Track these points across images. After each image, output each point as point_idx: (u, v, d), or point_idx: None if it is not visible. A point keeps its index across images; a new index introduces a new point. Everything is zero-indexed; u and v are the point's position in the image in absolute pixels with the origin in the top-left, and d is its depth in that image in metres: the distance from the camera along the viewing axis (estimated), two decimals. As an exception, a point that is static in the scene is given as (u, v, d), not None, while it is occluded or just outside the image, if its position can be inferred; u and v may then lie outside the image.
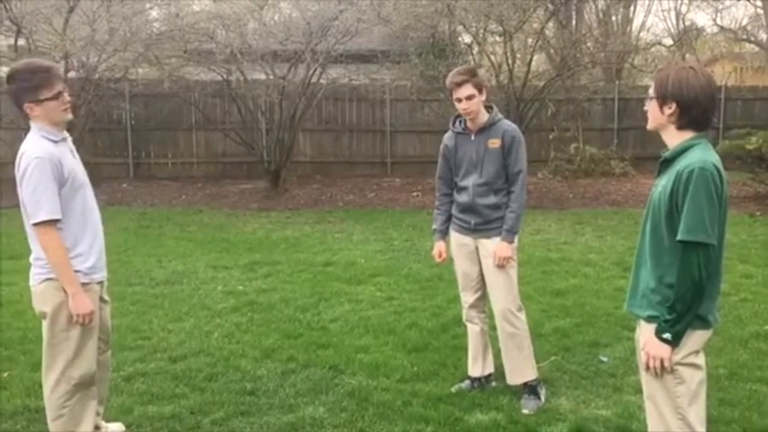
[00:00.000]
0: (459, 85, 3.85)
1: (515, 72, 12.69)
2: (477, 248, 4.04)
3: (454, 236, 4.14)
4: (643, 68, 15.69)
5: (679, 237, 2.40)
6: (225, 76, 12.54)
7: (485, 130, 3.96)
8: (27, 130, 3.17)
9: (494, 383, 4.19)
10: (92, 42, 10.86)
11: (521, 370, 4.03)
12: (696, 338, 2.51)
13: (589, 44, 14.54)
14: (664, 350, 2.46)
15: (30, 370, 4.36)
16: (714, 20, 24.49)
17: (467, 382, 4.19)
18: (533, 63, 13.89)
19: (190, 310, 5.72)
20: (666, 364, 2.47)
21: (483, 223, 3.98)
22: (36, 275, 3.16)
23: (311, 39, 11.56)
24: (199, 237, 8.90)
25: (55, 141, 3.12)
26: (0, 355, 4.65)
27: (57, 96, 3.09)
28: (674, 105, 2.47)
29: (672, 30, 23.75)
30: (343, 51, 12.02)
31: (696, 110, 2.46)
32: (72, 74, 10.91)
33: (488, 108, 4.01)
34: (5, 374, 4.31)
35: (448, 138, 4.11)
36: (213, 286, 6.46)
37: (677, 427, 2.52)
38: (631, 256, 7.30)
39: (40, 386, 3.99)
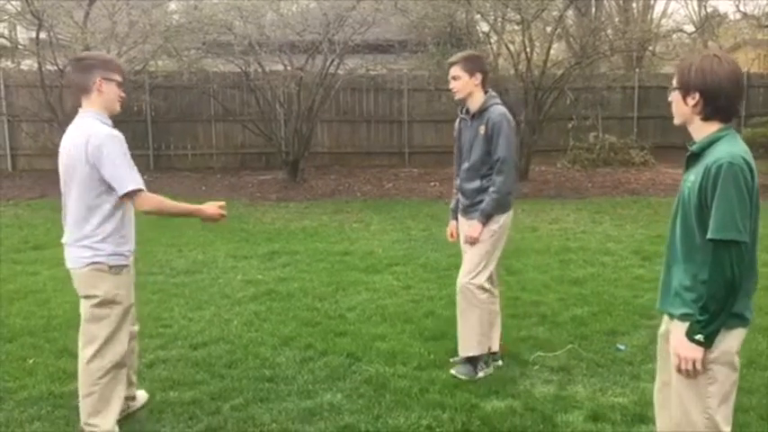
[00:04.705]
0: (450, 66, 4.07)
1: (534, 60, 12.61)
2: None
3: (460, 217, 4.33)
4: (664, 56, 15.50)
5: (709, 235, 2.28)
6: (243, 68, 12.61)
7: (477, 115, 4.06)
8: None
9: (500, 362, 4.27)
10: (112, 35, 10.98)
11: (464, 344, 4.14)
12: (734, 336, 2.38)
13: (609, 32, 14.39)
14: (696, 352, 2.34)
15: (54, 357, 4.45)
16: (737, 6, 24.18)
17: None
18: (552, 51, 13.78)
19: (210, 298, 5.79)
20: (699, 366, 2.35)
21: (469, 205, 4.15)
22: (80, 258, 3.23)
23: (328, 29, 11.58)
24: (218, 227, 8.95)
25: (111, 127, 3.29)
26: (25, 342, 4.75)
27: (119, 85, 3.31)
28: (697, 95, 2.37)
29: (693, 16, 23.46)
30: (360, 42, 12.02)
31: (722, 99, 2.35)
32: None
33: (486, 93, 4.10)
34: (31, 361, 4.40)
35: (457, 122, 4.28)
36: (233, 275, 6.53)
37: (703, 426, 2.39)
38: (650, 245, 7.21)
39: (65, 372, 4.11)
